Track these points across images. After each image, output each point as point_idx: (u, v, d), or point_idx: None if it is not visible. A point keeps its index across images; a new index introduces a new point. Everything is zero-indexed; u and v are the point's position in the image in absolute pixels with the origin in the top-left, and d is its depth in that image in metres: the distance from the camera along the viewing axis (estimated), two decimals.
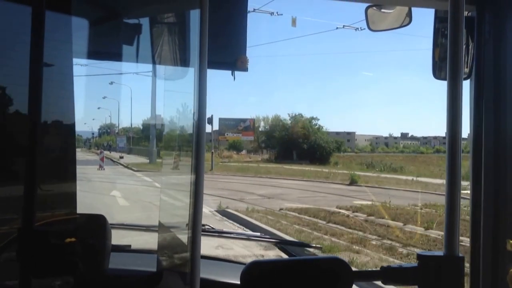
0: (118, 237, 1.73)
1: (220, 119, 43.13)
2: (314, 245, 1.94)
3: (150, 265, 1.49)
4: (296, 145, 37.67)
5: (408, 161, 39.31)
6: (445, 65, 1.08)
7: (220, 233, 2.05)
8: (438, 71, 1.34)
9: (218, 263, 1.89)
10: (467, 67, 1.27)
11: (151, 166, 29.48)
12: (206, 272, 1.46)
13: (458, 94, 1.00)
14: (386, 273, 1.05)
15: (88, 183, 15.24)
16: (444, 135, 1.17)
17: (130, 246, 1.91)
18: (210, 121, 27.90)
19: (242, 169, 26.60)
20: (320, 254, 2.36)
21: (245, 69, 1.61)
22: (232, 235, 2.10)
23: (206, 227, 1.93)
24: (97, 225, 1.44)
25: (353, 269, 1.05)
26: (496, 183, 1.23)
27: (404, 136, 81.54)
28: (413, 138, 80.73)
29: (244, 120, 42.11)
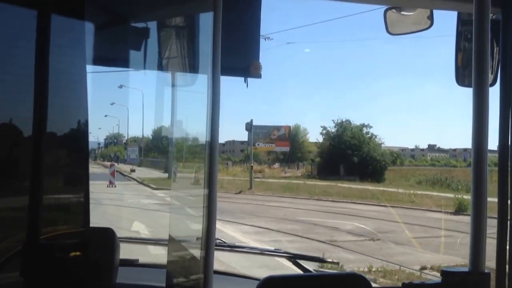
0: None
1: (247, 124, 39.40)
2: (330, 260, 1.99)
3: (159, 280, 1.50)
4: (344, 158, 33.40)
5: (443, 175, 35.36)
6: (469, 71, 1.10)
7: (232, 248, 2.09)
8: (461, 78, 1.35)
9: (231, 279, 1.90)
10: (491, 73, 1.26)
11: (170, 182, 25.72)
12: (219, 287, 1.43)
13: (485, 101, 1.00)
14: None
15: (98, 208, 12.10)
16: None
17: (137, 260, 1.97)
18: (249, 127, 23.96)
19: (288, 188, 22.70)
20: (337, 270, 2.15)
21: (258, 75, 1.65)
22: (245, 250, 2.15)
23: (217, 241, 1.93)
24: (106, 239, 1.45)
25: (373, 285, 1.16)
26: None
27: (431, 148, 78.47)
28: (440, 150, 77.72)
29: (278, 128, 38.01)
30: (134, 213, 12.71)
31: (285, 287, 1.08)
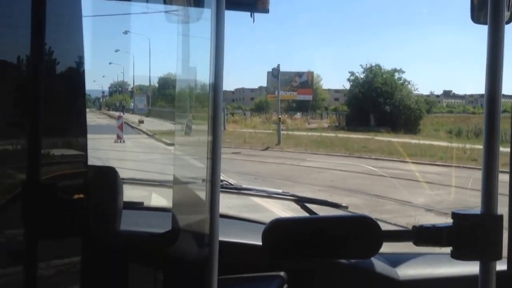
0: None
1: (268, 73, 36.41)
2: (340, 204, 1.97)
3: (164, 223, 1.52)
4: (375, 107, 30.83)
5: (462, 122, 33.96)
6: (484, 8, 1.04)
7: (239, 190, 2.11)
8: (477, 14, 1.28)
9: (237, 222, 1.93)
10: (508, 10, 1.19)
11: (195, 139, 23.67)
12: (225, 232, 1.48)
13: (500, 39, 0.98)
14: (419, 233, 1.04)
15: None
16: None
17: (142, 203, 1.97)
18: (276, 73, 21.34)
19: (320, 142, 20.42)
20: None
21: (266, 10, 1.63)
22: (252, 192, 2.16)
23: (224, 182, 2.00)
24: (108, 179, 1.45)
25: (383, 228, 1.03)
26: None
27: (446, 94, 76.50)
28: (456, 96, 75.59)
29: (300, 74, 35.12)
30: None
31: (291, 229, 1.06)
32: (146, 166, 11.84)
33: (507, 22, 1.19)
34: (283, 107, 56.25)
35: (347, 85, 34.51)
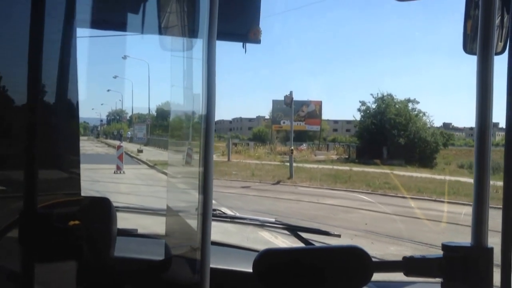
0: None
1: (274, 102, 35.20)
2: (332, 233, 2.00)
3: (157, 251, 1.58)
4: (388, 139, 29.46)
5: (464, 156, 33.29)
6: (476, 39, 1.05)
7: (232, 219, 2.13)
8: (469, 45, 1.33)
9: (229, 250, 1.94)
10: (501, 41, 1.23)
11: (189, 169, 22.15)
12: (217, 259, 1.51)
13: (489, 69, 1.00)
14: (409, 264, 1.05)
15: None
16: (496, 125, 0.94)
17: (136, 230, 2.00)
18: (289, 101, 19.97)
19: (336, 176, 18.82)
20: (339, 243, 2.07)
21: (257, 41, 1.68)
22: (245, 221, 2.17)
23: (217, 212, 2.07)
24: (102, 208, 1.48)
25: (373, 259, 1.05)
26: None
27: (446, 126, 75.83)
28: (455, 129, 75.38)
29: (307, 103, 33.87)
30: (154, 216, 9.32)
31: (282, 259, 1.06)
32: (150, 200, 10.47)
33: (500, 53, 1.23)
34: (280, 137, 55.18)
35: (357, 115, 33.28)
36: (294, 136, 41.85)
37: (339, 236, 2.04)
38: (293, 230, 1.99)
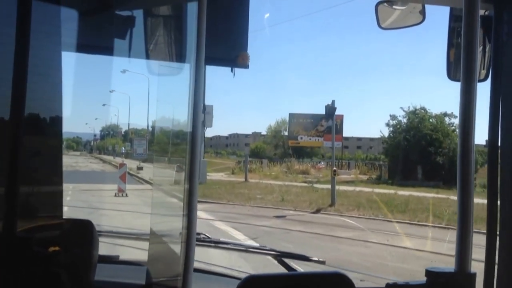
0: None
1: (290, 116, 32.18)
2: (316, 259, 2.00)
3: (139, 277, 1.53)
4: (424, 157, 26.40)
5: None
6: (460, 66, 1.11)
7: (216, 243, 2.10)
8: (453, 72, 1.38)
9: (211, 277, 1.92)
10: (483, 69, 1.31)
11: (203, 190, 19.06)
12: (199, 286, 1.50)
13: (472, 96, 1.05)
14: None
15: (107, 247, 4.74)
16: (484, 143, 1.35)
17: (118, 256, 1.97)
18: (332, 111, 16.86)
19: (388, 204, 15.64)
20: (322, 269, 2.09)
21: (246, 66, 1.71)
22: (229, 246, 2.14)
23: (202, 236, 2.06)
24: (84, 232, 1.44)
25: (356, 285, 1.03)
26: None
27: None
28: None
29: (327, 117, 30.82)
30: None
31: (266, 286, 1.05)
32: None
33: (483, 80, 1.30)
34: (278, 154, 52.35)
35: (385, 130, 30.18)
36: (292, 153, 39.37)
37: (323, 262, 2.03)
38: (278, 256, 1.97)
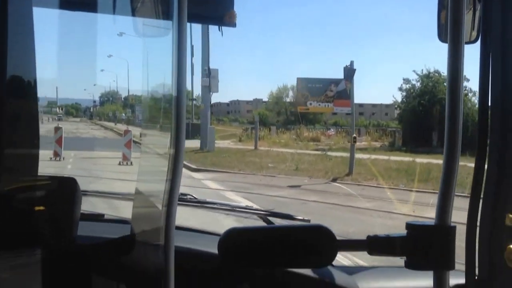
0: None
1: (298, 80, 31.13)
2: (302, 218, 2.02)
3: (122, 234, 1.55)
4: (440, 123, 25.53)
5: None
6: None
7: (202, 203, 2.12)
8: (444, 34, 1.34)
9: (195, 234, 1.95)
10: (473, 29, 1.32)
11: (212, 158, 18.39)
12: (182, 242, 1.57)
13: (459, 57, 1.05)
14: (372, 243, 1.08)
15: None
16: None
17: (103, 215, 1.99)
18: (351, 73, 15.91)
19: (406, 172, 14.92)
20: None
21: (233, 24, 1.70)
22: (216, 206, 2.15)
23: (188, 196, 2.08)
24: (67, 189, 1.47)
25: (338, 238, 1.07)
26: (500, 153, 1.27)
27: None
28: None
29: (336, 82, 29.75)
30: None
31: (247, 238, 1.08)
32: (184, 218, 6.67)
33: (474, 41, 1.29)
34: (280, 120, 51.54)
35: (398, 96, 29.19)
36: (295, 120, 38.51)
37: (308, 221, 2.00)
38: (264, 215, 2.00)
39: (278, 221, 1.98)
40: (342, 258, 4.61)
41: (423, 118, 25.86)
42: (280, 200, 10.70)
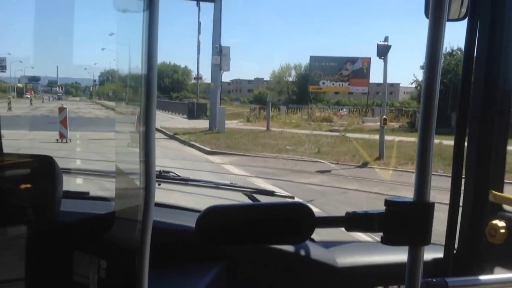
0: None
1: (311, 58, 29.81)
2: (286, 194, 2.16)
3: (105, 211, 1.57)
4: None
5: None
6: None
7: (186, 181, 2.14)
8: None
9: (175, 211, 1.95)
10: (461, 6, 1.32)
11: (225, 140, 17.35)
12: (161, 218, 1.62)
13: (440, 33, 1.04)
14: (351, 219, 1.08)
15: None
16: None
17: (88, 193, 2.03)
18: (384, 50, 14.62)
19: (439, 156, 13.82)
20: None
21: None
22: (200, 183, 2.16)
23: (171, 174, 2.10)
24: (44, 167, 1.48)
25: (316, 214, 1.07)
26: (481, 131, 1.32)
27: None
28: None
29: (352, 60, 28.47)
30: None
31: (226, 215, 1.08)
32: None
33: (462, 19, 1.30)
34: (282, 100, 50.43)
35: (418, 74, 27.89)
36: (297, 99, 36.96)
37: (293, 197, 2.09)
38: (249, 192, 2.04)
39: (262, 198, 1.96)
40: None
41: (445, 98, 24.69)
42: (316, 189, 9.70)
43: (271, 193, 2.07)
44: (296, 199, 1.56)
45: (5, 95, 76.47)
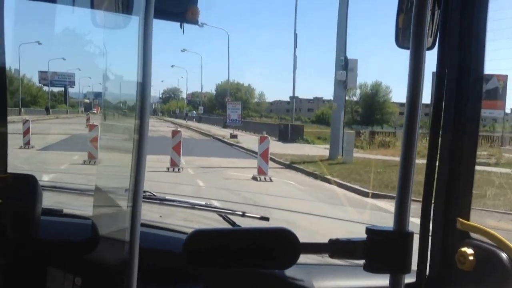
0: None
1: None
2: (260, 216, 2.09)
3: (84, 231, 1.59)
4: None
5: None
6: (409, 33, 1.10)
7: (162, 201, 2.15)
8: (402, 39, 1.40)
9: (159, 232, 1.95)
10: (431, 36, 1.33)
11: (365, 174, 13.78)
12: (146, 240, 1.51)
13: (421, 63, 1.07)
14: (334, 246, 1.11)
15: None
16: None
17: (62, 210, 2.01)
18: None
19: None
20: (267, 225, 2.13)
21: (195, 22, 1.68)
22: (175, 203, 2.19)
23: (147, 193, 2.07)
24: (26, 185, 1.50)
25: (301, 241, 1.10)
26: (451, 160, 1.34)
27: None
28: None
29: (487, 78, 24.36)
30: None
31: (212, 239, 1.11)
32: None
33: (430, 48, 1.29)
34: (345, 121, 46.27)
35: None
36: (361, 120, 32.55)
37: (267, 219, 2.08)
38: (223, 213, 2.06)
39: (235, 218, 1.97)
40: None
41: None
42: None
43: (242, 215, 2.06)
44: (279, 225, 1.30)
45: (74, 110, 77.50)
